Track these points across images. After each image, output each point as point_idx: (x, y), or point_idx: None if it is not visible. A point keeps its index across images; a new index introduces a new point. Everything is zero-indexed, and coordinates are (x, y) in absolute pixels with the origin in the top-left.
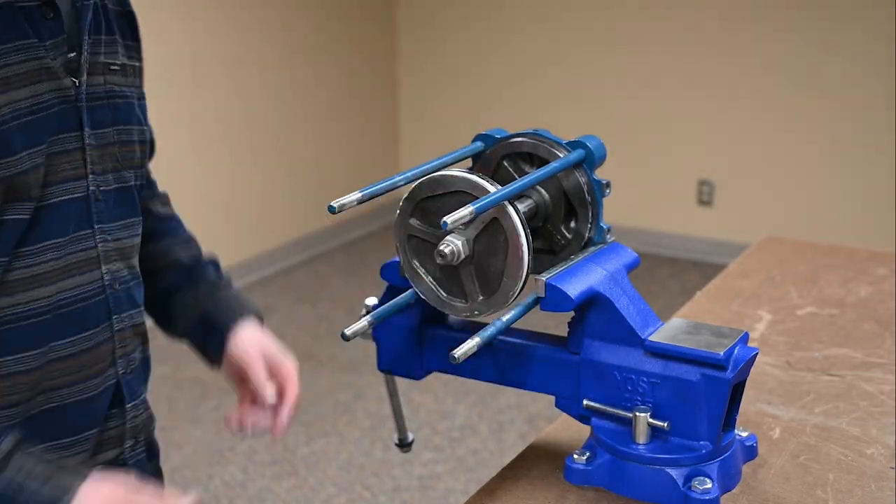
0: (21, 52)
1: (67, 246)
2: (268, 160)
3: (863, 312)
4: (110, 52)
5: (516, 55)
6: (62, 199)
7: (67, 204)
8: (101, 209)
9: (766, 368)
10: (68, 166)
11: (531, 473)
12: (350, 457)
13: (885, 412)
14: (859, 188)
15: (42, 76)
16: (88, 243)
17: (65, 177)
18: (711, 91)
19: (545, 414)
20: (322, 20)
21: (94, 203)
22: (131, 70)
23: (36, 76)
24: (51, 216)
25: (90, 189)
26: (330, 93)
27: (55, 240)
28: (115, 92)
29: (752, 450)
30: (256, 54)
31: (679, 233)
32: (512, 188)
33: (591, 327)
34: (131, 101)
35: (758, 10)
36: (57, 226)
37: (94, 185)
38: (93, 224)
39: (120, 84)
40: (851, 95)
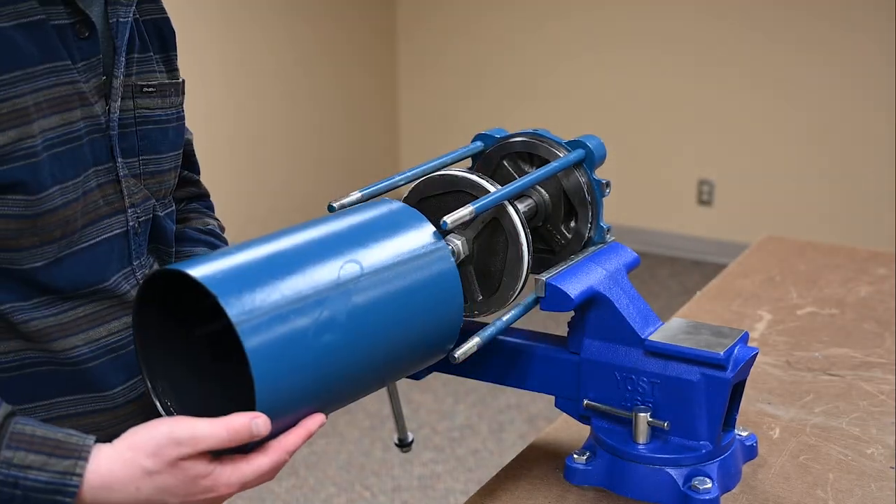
0: (53, 74)
1: (113, 288)
2: (268, 160)
3: (863, 312)
4: (144, 72)
5: (516, 55)
6: (100, 238)
7: (107, 243)
8: (139, 243)
9: (766, 368)
10: (102, 202)
11: (531, 473)
12: (350, 457)
13: (885, 412)
14: (859, 188)
15: (74, 102)
16: (131, 282)
17: (100, 214)
18: (711, 91)
19: (545, 414)
20: (322, 20)
21: (134, 238)
22: (171, 89)
23: (68, 102)
24: (88, 259)
25: (130, 224)
26: (330, 93)
27: (100, 284)
28: (146, 117)
29: (752, 450)
30: (255, 55)
31: (679, 232)
32: (512, 188)
33: (591, 327)
34: (165, 126)
35: (757, 11)
36: (98, 269)
37: (134, 219)
38: (132, 261)
39: (153, 107)
40: (851, 95)
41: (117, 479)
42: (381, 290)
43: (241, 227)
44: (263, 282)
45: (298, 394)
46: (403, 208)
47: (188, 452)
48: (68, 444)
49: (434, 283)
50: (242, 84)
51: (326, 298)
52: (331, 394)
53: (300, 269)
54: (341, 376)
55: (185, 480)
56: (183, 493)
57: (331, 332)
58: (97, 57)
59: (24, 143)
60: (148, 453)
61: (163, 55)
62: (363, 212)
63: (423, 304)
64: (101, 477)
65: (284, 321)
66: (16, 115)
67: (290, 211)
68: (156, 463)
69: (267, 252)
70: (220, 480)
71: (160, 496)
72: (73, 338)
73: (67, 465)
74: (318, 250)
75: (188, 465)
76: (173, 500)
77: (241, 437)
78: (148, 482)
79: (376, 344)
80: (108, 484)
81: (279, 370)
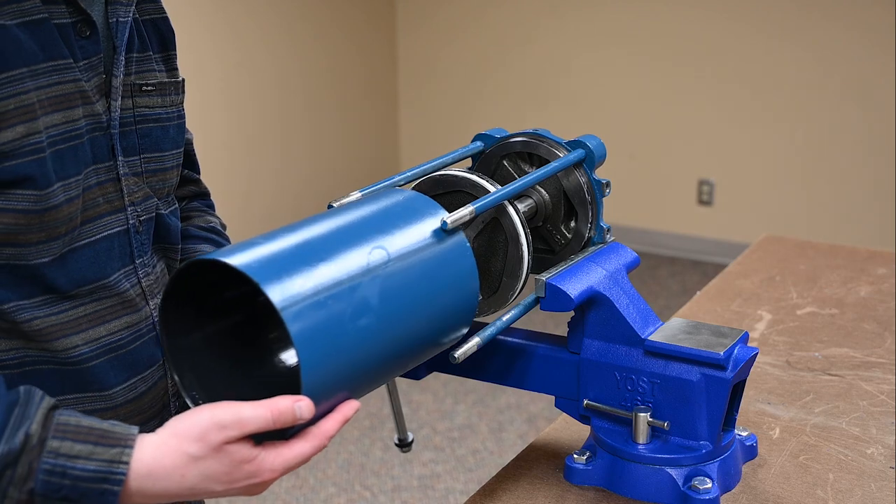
0: (56, 73)
1: (114, 286)
2: (267, 160)
3: (863, 312)
4: (143, 71)
5: (516, 55)
6: (100, 235)
7: (107, 241)
8: (142, 241)
9: (766, 368)
10: (102, 200)
11: (531, 473)
12: (350, 457)
13: (885, 412)
14: (859, 188)
15: (76, 100)
16: (132, 280)
17: (99, 211)
18: (712, 91)
19: (545, 414)
20: (322, 21)
21: (135, 236)
22: (171, 87)
23: (70, 100)
24: (89, 256)
25: (130, 222)
26: (330, 93)
27: (100, 281)
28: (145, 116)
29: (752, 450)
30: (255, 56)
31: (679, 232)
32: (512, 188)
33: (591, 327)
34: (166, 124)
35: (758, 12)
36: (99, 265)
37: (134, 217)
38: (134, 259)
39: (153, 106)
40: (852, 96)
41: (162, 466)
42: (406, 274)
43: (240, 227)
44: (300, 268)
45: (338, 377)
46: (418, 196)
47: (233, 436)
48: (113, 433)
49: (453, 265)
50: (242, 84)
51: (360, 284)
52: (365, 377)
53: (332, 256)
54: (375, 359)
55: (229, 465)
56: (227, 479)
57: (365, 316)
58: (98, 56)
59: (32, 139)
60: (193, 439)
61: (162, 54)
62: (379, 201)
63: (444, 285)
64: (147, 465)
65: (324, 306)
66: (23, 112)
67: (290, 211)
68: (201, 448)
69: (297, 240)
70: (263, 466)
71: (205, 483)
72: (73, 337)
73: (114, 453)
74: (346, 238)
75: (233, 450)
76: (217, 486)
77: (285, 419)
78: (193, 468)
79: (405, 326)
80: (153, 472)
81: (321, 354)
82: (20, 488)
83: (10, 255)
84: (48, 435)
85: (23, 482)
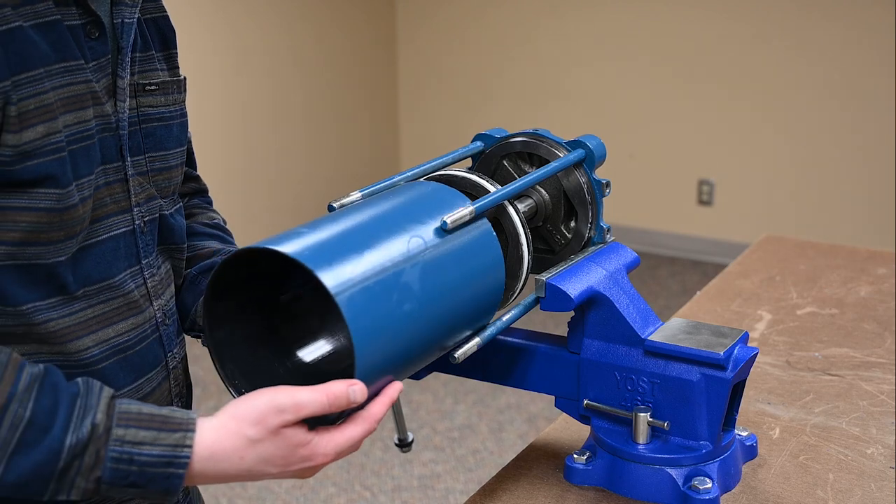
0: (68, 74)
1: (119, 286)
2: (267, 160)
3: (863, 312)
4: (146, 71)
5: (517, 55)
6: (107, 236)
7: (113, 241)
8: (147, 242)
9: (766, 368)
10: (109, 200)
11: (531, 473)
12: (350, 457)
13: (885, 412)
14: (859, 188)
15: (88, 101)
16: (138, 280)
17: (106, 212)
18: (711, 91)
19: (545, 414)
20: (322, 20)
21: (141, 236)
22: (173, 86)
23: (82, 101)
24: (96, 255)
25: (136, 223)
26: (330, 93)
27: (106, 281)
28: (149, 115)
29: (752, 450)
30: (255, 57)
31: (679, 232)
32: (512, 188)
33: (591, 327)
34: (169, 122)
35: (758, 13)
36: (105, 265)
37: (139, 217)
38: (140, 259)
39: (157, 105)
40: (851, 95)
41: (222, 448)
42: (442, 260)
43: (240, 227)
44: (347, 255)
45: (386, 361)
46: (443, 188)
47: (290, 419)
48: (174, 418)
49: (482, 250)
50: (241, 84)
51: (402, 270)
52: (409, 360)
53: (374, 244)
54: (417, 343)
55: (285, 449)
56: (283, 462)
57: (409, 301)
58: (106, 57)
59: (52, 139)
60: (251, 422)
61: (164, 53)
62: (408, 192)
63: (475, 270)
64: (208, 447)
65: (373, 291)
66: (43, 111)
67: (290, 210)
68: (259, 431)
69: (340, 229)
70: (317, 450)
71: (261, 466)
72: (85, 338)
73: (177, 437)
74: (385, 227)
75: (289, 433)
76: (273, 469)
77: (340, 403)
78: (251, 451)
79: (443, 310)
80: (214, 454)
81: (372, 338)
82: (87, 477)
83: (32, 254)
84: (113, 423)
85: (90, 471)
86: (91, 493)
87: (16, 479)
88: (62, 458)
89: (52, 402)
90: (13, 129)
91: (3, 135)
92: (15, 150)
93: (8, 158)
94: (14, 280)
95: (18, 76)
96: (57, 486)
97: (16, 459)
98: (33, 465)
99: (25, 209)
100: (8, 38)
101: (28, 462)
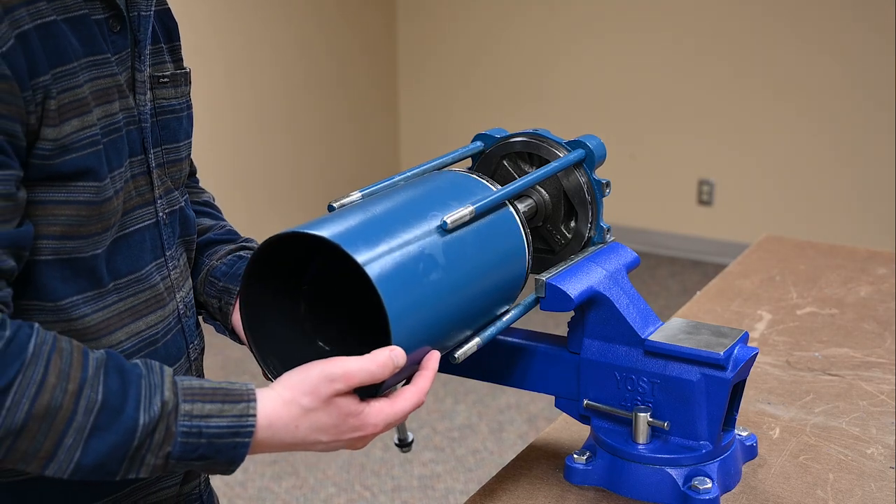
0: (96, 67)
1: (146, 279)
2: (268, 160)
3: (863, 312)
4: (157, 63)
5: (516, 55)
6: (133, 228)
7: (140, 234)
8: (169, 234)
9: (766, 368)
10: (135, 193)
11: (531, 473)
12: (350, 457)
13: (885, 412)
14: (859, 188)
15: (114, 94)
16: (163, 272)
17: (133, 204)
18: (712, 91)
19: (545, 414)
20: (321, 20)
21: (164, 228)
22: (182, 79)
23: (109, 94)
24: (125, 249)
25: (159, 215)
26: (330, 93)
27: (134, 274)
28: (163, 108)
29: (752, 450)
30: (255, 56)
31: (679, 232)
32: (512, 188)
33: (591, 327)
34: (179, 115)
35: (758, 10)
36: (133, 258)
37: (162, 209)
38: (164, 251)
39: (168, 97)
40: (852, 95)
41: (279, 417)
42: (465, 234)
43: (240, 226)
44: (374, 233)
45: (420, 327)
46: (467, 175)
47: (341, 388)
48: (235, 390)
49: (504, 231)
50: (240, 83)
51: (427, 244)
52: (440, 329)
53: (400, 223)
54: (446, 314)
55: (337, 418)
56: (335, 431)
57: (435, 271)
58: (126, 51)
59: (88, 132)
60: (305, 392)
61: (169, 46)
62: (434, 180)
63: (498, 248)
64: (267, 416)
65: (399, 260)
66: (77, 105)
67: (290, 210)
68: (313, 400)
69: (366, 215)
70: (368, 420)
71: (315, 435)
72: (117, 332)
73: (241, 408)
74: (410, 208)
75: (342, 403)
76: (325, 437)
77: (387, 369)
78: (305, 420)
79: (468, 283)
80: (273, 423)
81: (403, 303)
82: (157, 454)
83: (72, 248)
84: (179, 399)
85: (159, 447)
86: (159, 469)
87: (93, 462)
88: (136, 438)
89: (120, 384)
90: (52, 124)
91: (43, 129)
92: (55, 143)
93: (48, 152)
94: (56, 275)
95: (56, 70)
96: (129, 464)
97: (92, 443)
98: (109, 446)
99: (65, 202)
100: (45, 32)
101: (104, 444)
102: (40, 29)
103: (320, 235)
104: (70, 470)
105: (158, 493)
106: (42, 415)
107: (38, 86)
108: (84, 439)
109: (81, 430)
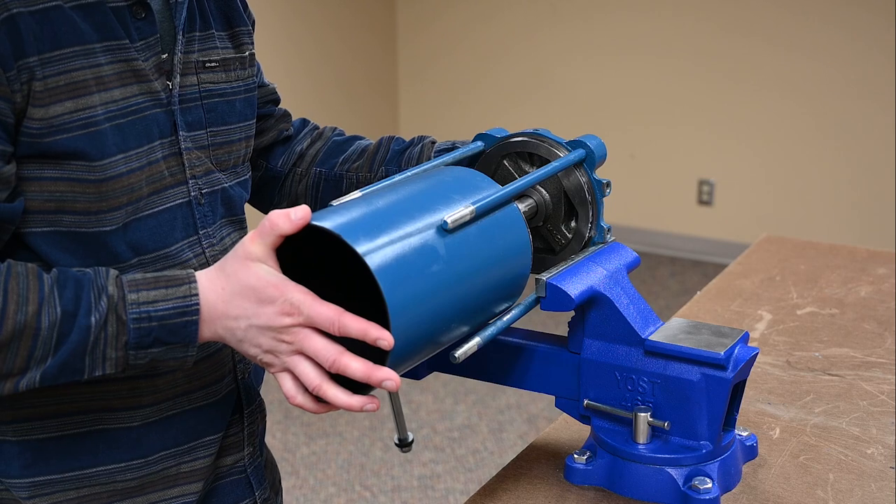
0: (109, 52)
1: (176, 256)
2: None
3: (863, 312)
4: (206, 49)
5: (516, 55)
6: (163, 207)
7: (169, 212)
8: (204, 213)
9: (766, 368)
10: (167, 173)
11: (531, 473)
12: (350, 457)
13: (885, 412)
14: (859, 188)
15: (130, 78)
16: (196, 250)
17: (164, 184)
18: (711, 91)
19: (545, 414)
20: (321, 20)
21: (198, 208)
22: (236, 62)
23: (125, 78)
24: (152, 226)
25: (192, 195)
26: (330, 93)
27: (162, 250)
28: (210, 91)
29: (752, 450)
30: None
31: (679, 232)
32: (512, 188)
33: (591, 327)
34: (232, 98)
35: (757, 12)
36: (161, 235)
37: (196, 189)
38: (198, 230)
39: (218, 81)
40: (852, 95)
41: (213, 289)
42: (469, 231)
43: None
44: (375, 225)
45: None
46: (472, 172)
47: (269, 266)
48: (175, 275)
49: (509, 227)
50: None
51: (429, 236)
52: (439, 325)
53: (402, 215)
54: (447, 307)
55: (256, 280)
56: (254, 297)
57: (436, 263)
58: (154, 36)
59: (83, 114)
60: (232, 258)
61: (227, 32)
62: (439, 175)
63: (502, 243)
64: (205, 293)
65: (400, 252)
66: (72, 88)
67: None
68: (234, 262)
69: (368, 208)
70: (287, 292)
71: (238, 301)
72: None
73: (184, 289)
74: (413, 202)
75: (262, 268)
76: (248, 304)
77: (328, 322)
78: (228, 284)
79: (470, 277)
80: (207, 298)
81: (404, 295)
82: (115, 345)
83: (71, 222)
84: (125, 292)
85: (115, 339)
86: (122, 362)
87: (58, 364)
88: (92, 333)
89: (73, 292)
90: (39, 104)
91: (30, 108)
92: (42, 122)
93: (36, 131)
94: (56, 245)
95: (47, 54)
96: (91, 360)
97: (60, 350)
98: (71, 348)
99: (58, 179)
100: (42, 18)
101: (66, 349)
102: (36, 14)
103: (322, 226)
104: (38, 379)
105: (192, 463)
106: (8, 339)
107: (23, 67)
108: (52, 347)
109: (48, 341)
